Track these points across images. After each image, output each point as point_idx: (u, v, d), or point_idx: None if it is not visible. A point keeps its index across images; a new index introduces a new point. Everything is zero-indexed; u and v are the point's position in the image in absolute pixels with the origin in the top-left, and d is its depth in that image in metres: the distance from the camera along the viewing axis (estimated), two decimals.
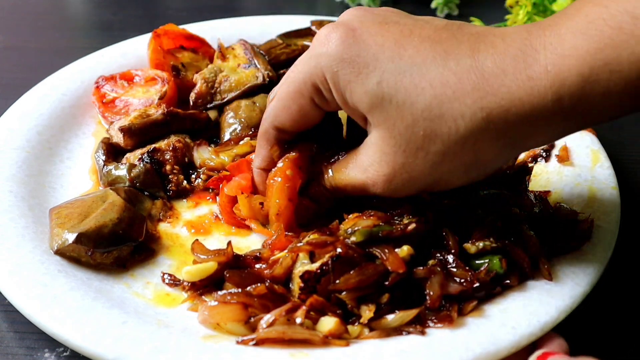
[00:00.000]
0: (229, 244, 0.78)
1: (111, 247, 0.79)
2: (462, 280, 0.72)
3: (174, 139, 0.95)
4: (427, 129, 0.67)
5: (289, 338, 0.69)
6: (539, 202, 0.83)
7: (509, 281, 0.74)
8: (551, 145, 0.97)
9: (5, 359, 0.73)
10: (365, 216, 0.76)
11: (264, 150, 0.82)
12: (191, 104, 1.02)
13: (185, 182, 0.92)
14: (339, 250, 0.71)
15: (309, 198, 0.81)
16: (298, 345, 0.69)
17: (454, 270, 0.73)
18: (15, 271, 0.75)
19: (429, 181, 0.71)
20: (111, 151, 0.94)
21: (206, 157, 0.94)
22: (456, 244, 0.74)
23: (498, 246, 0.74)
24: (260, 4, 1.54)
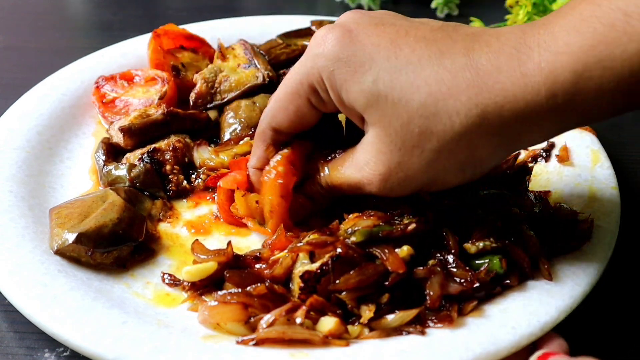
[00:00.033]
0: (229, 244, 0.78)
1: (111, 247, 0.79)
2: (462, 280, 0.72)
3: (174, 139, 0.95)
4: (422, 127, 0.67)
5: (289, 338, 0.69)
6: (539, 202, 0.83)
7: (509, 281, 0.74)
8: (551, 145, 0.97)
9: (5, 359, 0.73)
10: (366, 216, 0.76)
11: (260, 150, 0.82)
12: (191, 104, 1.02)
13: (185, 182, 0.92)
14: (339, 250, 0.71)
15: (304, 195, 0.81)
16: (298, 345, 0.69)
17: (454, 270, 0.73)
18: (15, 271, 0.75)
19: (425, 180, 0.71)
20: (111, 151, 0.94)
21: (206, 157, 0.94)
22: (456, 244, 0.74)
23: (498, 246, 0.74)
24: (260, 4, 1.54)
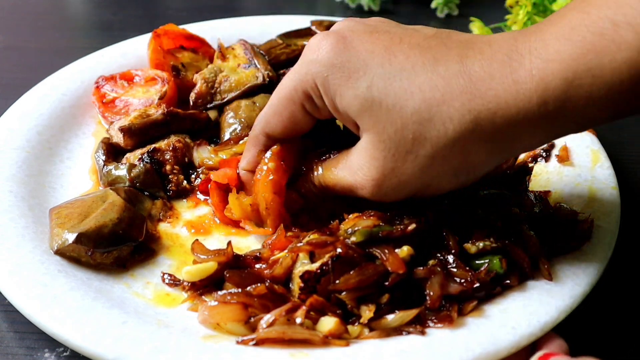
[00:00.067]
0: (229, 244, 0.78)
1: (111, 247, 0.79)
2: (462, 281, 0.72)
3: (174, 139, 0.95)
4: (416, 133, 0.68)
5: (289, 338, 0.69)
6: (539, 202, 0.83)
7: (509, 281, 0.74)
8: (551, 145, 0.97)
9: (5, 359, 0.73)
10: (366, 216, 0.76)
11: (250, 154, 0.82)
12: (191, 104, 1.02)
13: (185, 182, 0.92)
14: (339, 250, 0.71)
15: (297, 192, 0.81)
16: (298, 345, 0.69)
17: (454, 270, 0.73)
18: (15, 271, 0.75)
19: (419, 186, 0.72)
20: (111, 151, 0.94)
21: (205, 156, 0.94)
22: (456, 244, 0.74)
23: (498, 246, 0.74)
24: (260, 4, 1.54)
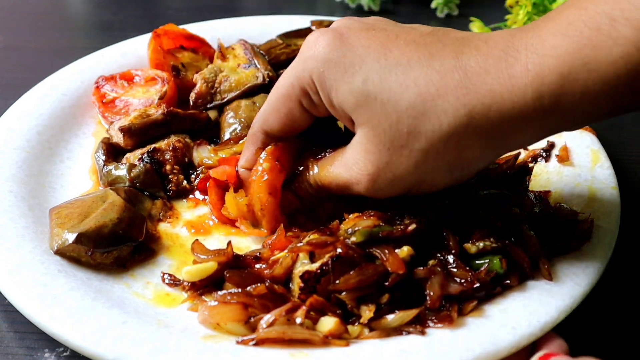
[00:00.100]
0: (229, 244, 0.78)
1: (111, 247, 0.79)
2: (462, 281, 0.72)
3: (174, 139, 0.95)
4: (411, 127, 0.68)
5: (289, 338, 0.69)
6: (539, 202, 0.83)
7: (509, 281, 0.74)
8: (551, 145, 0.97)
9: (5, 359, 0.73)
10: (366, 216, 0.76)
11: (249, 152, 0.83)
12: (191, 104, 1.02)
13: (185, 182, 0.92)
14: (339, 250, 0.71)
15: (292, 193, 0.81)
16: (298, 345, 0.69)
17: (454, 270, 0.73)
18: (15, 271, 0.75)
19: (413, 181, 0.72)
20: (111, 151, 0.94)
21: (205, 156, 0.94)
22: (456, 244, 0.74)
23: (498, 246, 0.74)
24: (260, 4, 1.54)
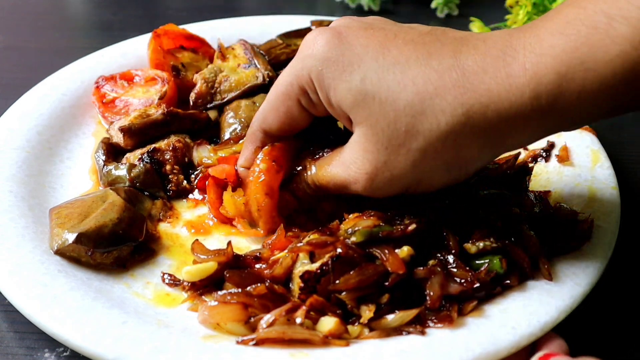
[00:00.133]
0: (229, 244, 0.78)
1: (111, 247, 0.79)
2: (462, 281, 0.72)
3: (174, 139, 0.95)
4: (409, 125, 0.68)
5: (289, 338, 0.69)
6: (539, 202, 0.83)
7: (509, 281, 0.74)
8: (551, 145, 0.97)
9: (5, 359, 0.73)
10: (366, 216, 0.76)
11: (248, 151, 0.83)
12: (191, 104, 1.02)
13: (185, 182, 0.92)
14: (339, 250, 0.71)
15: (290, 193, 0.81)
16: (298, 345, 0.69)
17: (454, 270, 0.73)
18: (15, 271, 0.75)
19: (411, 180, 0.72)
20: (111, 151, 0.94)
21: (205, 155, 0.94)
22: (456, 244, 0.74)
23: (498, 246, 0.74)
24: (260, 4, 1.54)
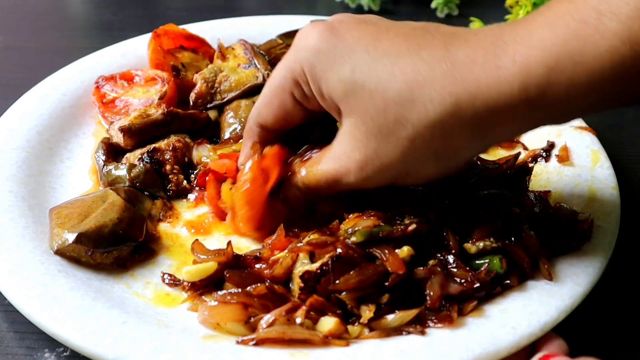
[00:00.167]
0: (229, 244, 0.78)
1: (111, 247, 0.79)
2: (463, 281, 0.72)
3: (174, 138, 0.95)
4: (398, 114, 0.68)
5: (289, 338, 0.69)
6: (539, 202, 0.83)
7: (509, 281, 0.74)
8: (551, 145, 0.97)
9: (5, 359, 0.73)
10: (366, 216, 0.75)
11: (246, 147, 0.83)
12: (191, 104, 1.02)
13: (185, 182, 0.92)
14: (339, 250, 0.71)
15: (281, 201, 0.80)
16: (298, 345, 0.69)
17: (454, 270, 0.73)
18: (15, 271, 0.75)
19: (400, 170, 0.72)
20: (111, 151, 0.94)
21: (204, 154, 0.94)
22: (456, 244, 0.74)
23: (498, 246, 0.74)
24: (260, 4, 1.54)
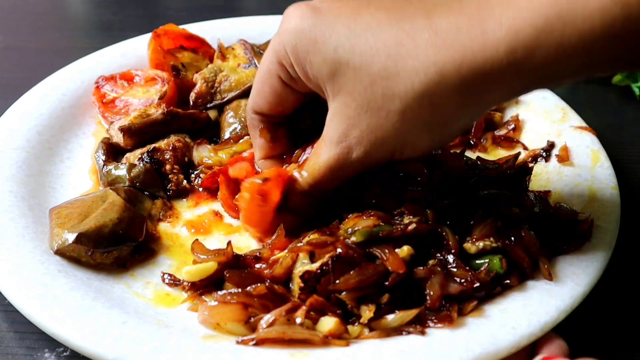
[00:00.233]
0: (229, 244, 0.78)
1: (111, 247, 0.79)
2: (462, 280, 0.72)
3: (173, 138, 0.95)
4: (385, 88, 0.68)
5: (289, 338, 0.69)
6: (539, 202, 0.83)
7: (509, 281, 0.74)
8: (551, 145, 0.97)
9: (5, 359, 0.73)
10: (366, 216, 0.75)
11: (255, 138, 0.83)
12: (191, 103, 1.02)
13: (185, 181, 0.92)
14: (339, 250, 0.71)
15: (289, 213, 0.79)
16: (298, 345, 0.69)
17: (454, 270, 0.72)
18: (15, 271, 0.75)
19: (395, 144, 0.72)
20: (111, 151, 0.94)
21: (204, 155, 0.94)
22: (456, 244, 0.74)
23: (498, 246, 0.74)
24: (260, 4, 1.54)
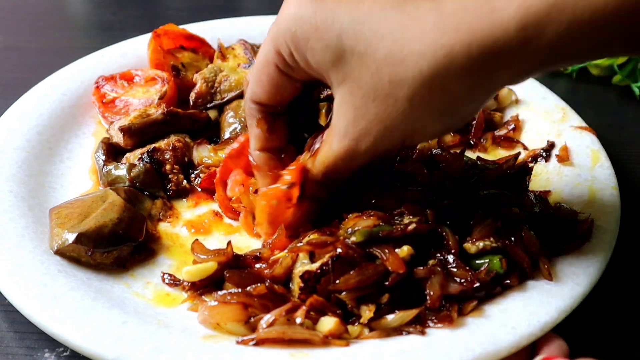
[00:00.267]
0: (229, 244, 0.78)
1: (111, 247, 0.79)
2: (462, 280, 0.72)
3: (173, 138, 0.95)
4: (392, 75, 0.66)
5: (289, 338, 0.69)
6: (539, 202, 0.83)
7: (509, 281, 0.74)
8: (551, 145, 0.97)
9: (5, 359, 0.73)
10: (366, 216, 0.75)
11: (253, 128, 0.80)
12: (191, 103, 1.02)
13: (185, 181, 0.92)
14: (339, 250, 0.71)
15: (309, 201, 0.79)
16: (298, 345, 0.69)
17: (454, 270, 0.72)
18: (15, 271, 0.75)
19: (405, 130, 0.69)
20: (111, 151, 0.94)
21: (205, 155, 0.94)
22: (456, 243, 0.74)
23: (498, 246, 0.74)
24: (260, 4, 1.54)
